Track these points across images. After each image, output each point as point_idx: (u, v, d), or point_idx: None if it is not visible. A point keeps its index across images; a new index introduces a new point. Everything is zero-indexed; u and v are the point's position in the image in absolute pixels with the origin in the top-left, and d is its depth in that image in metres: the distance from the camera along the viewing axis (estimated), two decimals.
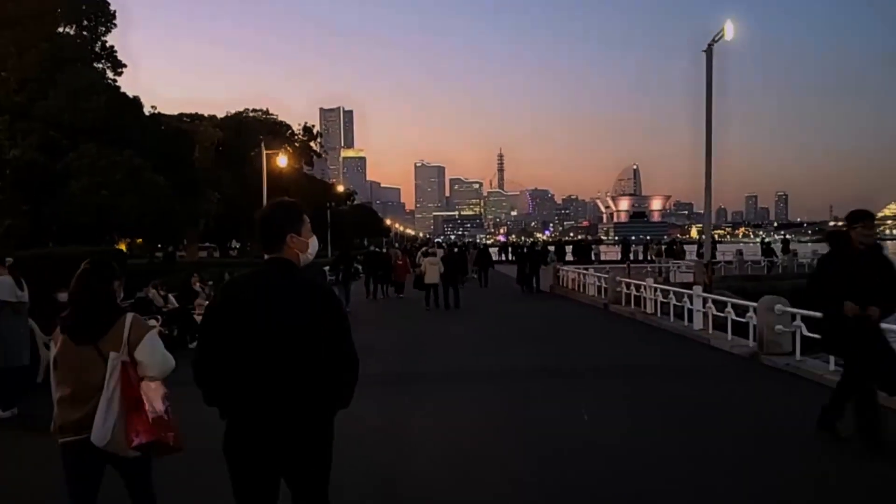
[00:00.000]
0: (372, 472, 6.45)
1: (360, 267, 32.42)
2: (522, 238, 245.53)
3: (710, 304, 15.15)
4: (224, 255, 62.46)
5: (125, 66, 38.65)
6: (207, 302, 15.71)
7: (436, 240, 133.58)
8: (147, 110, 40.72)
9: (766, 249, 46.71)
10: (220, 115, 57.74)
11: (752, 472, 6.36)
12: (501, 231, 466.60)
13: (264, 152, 36.80)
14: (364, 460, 6.69)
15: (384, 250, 36.89)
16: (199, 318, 14.60)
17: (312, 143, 64.18)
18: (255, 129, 54.33)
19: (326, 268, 26.49)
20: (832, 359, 10.50)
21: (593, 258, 51.37)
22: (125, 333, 3.90)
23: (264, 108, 64.09)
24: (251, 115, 60.36)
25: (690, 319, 16.05)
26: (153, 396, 3.86)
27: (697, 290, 16.05)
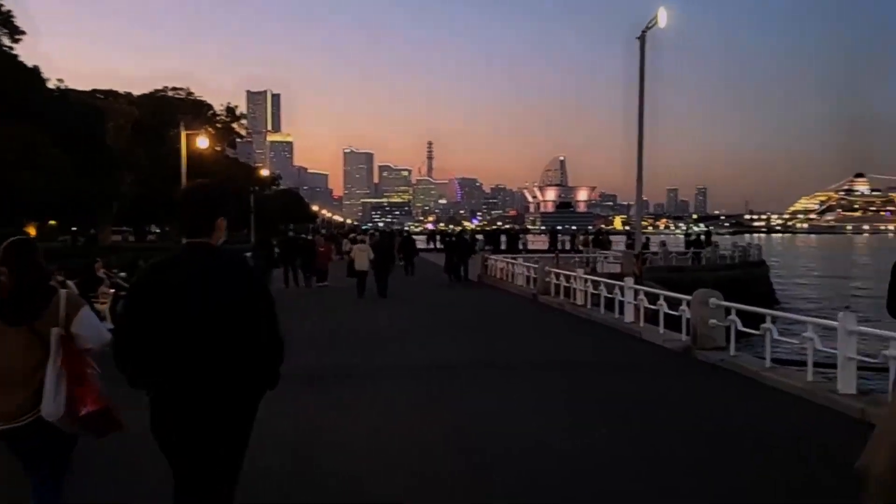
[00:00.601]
0: (284, 482, 5.69)
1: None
2: (451, 226, 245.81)
3: (641, 296, 14.84)
4: (140, 239, 59.96)
5: (24, 32, 36.15)
6: (112, 290, 14.56)
7: (363, 227, 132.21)
8: (53, 84, 38.30)
9: (695, 241, 47.42)
10: (138, 92, 55.19)
11: (712, 473, 6.10)
12: (430, 219, 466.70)
13: (184, 132, 35.20)
14: (273, 472, 5.92)
15: (310, 237, 35.59)
16: (102, 307, 13.46)
17: (235, 125, 61.81)
18: (175, 108, 52.10)
19: (248, 254, 25.32)
20: (768, 355, 10.24)
21: (521, 248, 51.30)
22: (61, 309, 3.86)
23: (185, 87, 61.59)
24: (170, 93, 57.84)
25: (621, 311, 15.72)
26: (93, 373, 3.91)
27: (629, 281, 15.73)
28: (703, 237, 47.95)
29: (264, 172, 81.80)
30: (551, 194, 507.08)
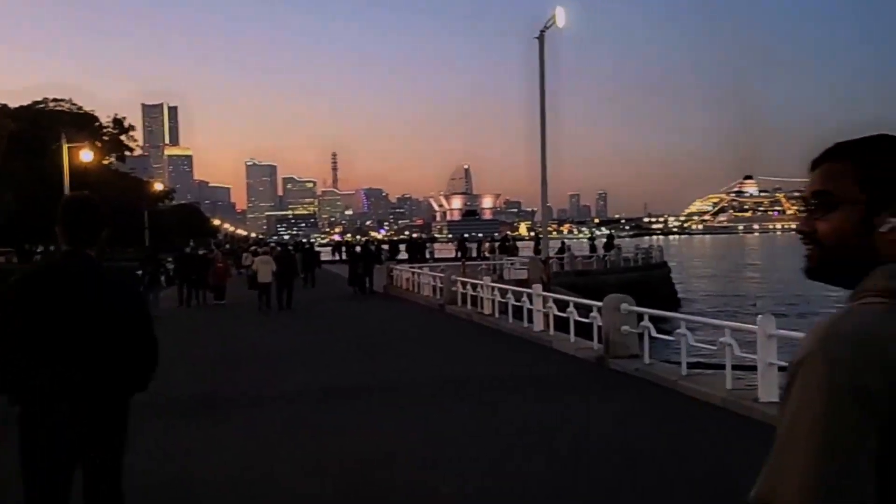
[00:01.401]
0: None
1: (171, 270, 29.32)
2: (357, 237, 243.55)
3: (550, 303, 14.28)
4: (27, 259, 56.07)
5: None
6: None
7: (268, 240, 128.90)
8: None
9: (591, 245, 47.84)
10: (14, 105, 51.61)
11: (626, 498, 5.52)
12: (336, 230, 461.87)
13: (65, 145, 32.93)
14: None
15: (209, 252, 33.57)
16: None
17: (124, 137, 58.38)
18: (57, 120, 48.91)
19: (139, 272, 23.66)
20: (684, 362, 9.76)
21: (428, 256, 50.58)
22: None
23: (68, 99, 58.01)
24: (52, 105, 54.33)
25: (531, 320, 15.13)
26: None
27: (537, 288, 15.13)
28: (603, 240, 48.58)
29: (158, 186, 78.21)
30: (457, 203, 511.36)
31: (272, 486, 6.08)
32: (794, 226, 1.34)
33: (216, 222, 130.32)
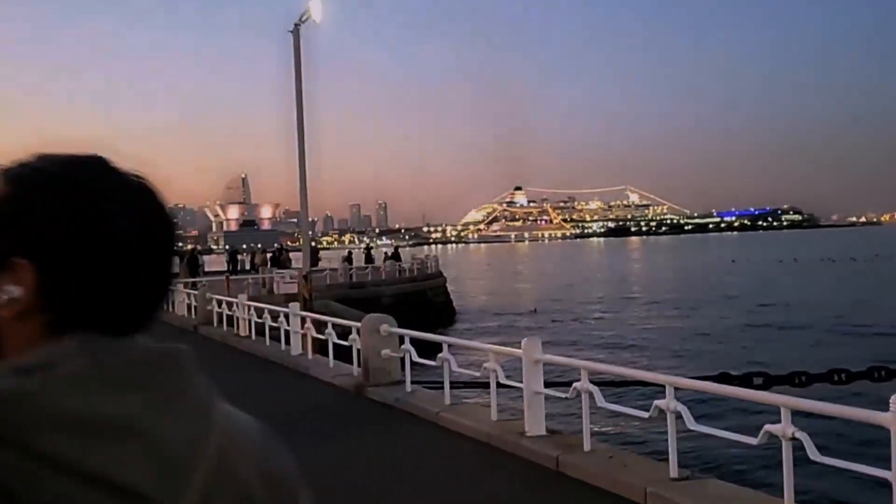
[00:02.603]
0: None
1: None
2: None
3: (308, 323, 12.84)
4: None
5: None
6: None
7: None
8: None
9: (367, 256, 47.18)
10: None
11: None
12: None
13: None
14: None
15: None
16: None
17: None
18: None
19: None
20: (447, 391, 8.74)
21: (198, 270, 46.83)
22: None
23: None
24: None
25: (288, 342, 13.60)
26: None
27: (294, 307, 13.58)
28: (384, 251, 47.84)
29: None
30: (234, 212, 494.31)
31: None
32: (559, 234, 0.61)
33: None
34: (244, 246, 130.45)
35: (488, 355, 8.04)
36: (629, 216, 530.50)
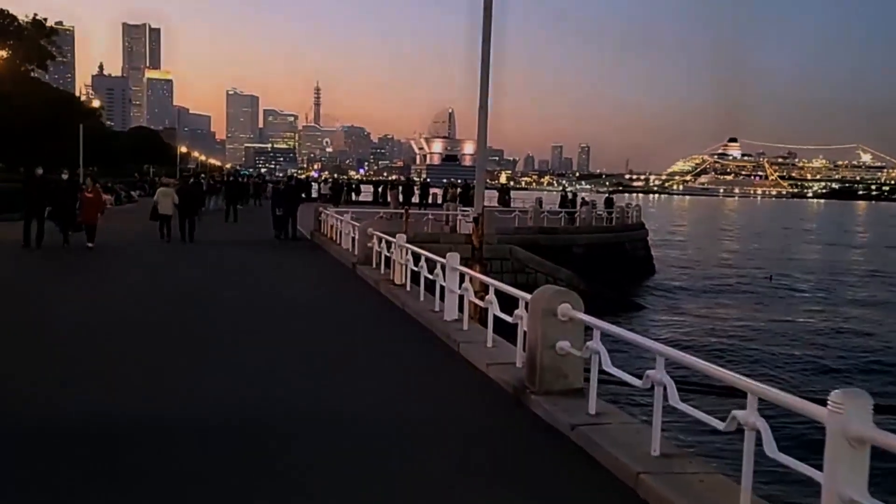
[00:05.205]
0: None
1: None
2: (335, 175, 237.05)
3: (467, 283, 9.69)
4: None
5: None
6: None
7: (243, 172, 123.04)
8: None
9: (563, 200, 43.56)
10: None
11: None
12: (315, 167, 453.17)
13: None
14: None
15: (82, 181, 26.27)
16: None
17: (44, 41, 51.07)
18: None
19: None
20: (656, 426, 5.25)
21: (411, 201, 45.02)
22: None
23: None
24: None
25: (443, 299, 10.59)
26: None
27: (453, 259, 10.39)
28: (574, 195, 44.20)
29: (96, 103, 71.47)
30: (438, 146, 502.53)
31: None
32: (774, 192, 0.62)
33: (183, 149, 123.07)
34: (444, 180, 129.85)
35: (745, 398, 4.42)
36: (858, 177, 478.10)
